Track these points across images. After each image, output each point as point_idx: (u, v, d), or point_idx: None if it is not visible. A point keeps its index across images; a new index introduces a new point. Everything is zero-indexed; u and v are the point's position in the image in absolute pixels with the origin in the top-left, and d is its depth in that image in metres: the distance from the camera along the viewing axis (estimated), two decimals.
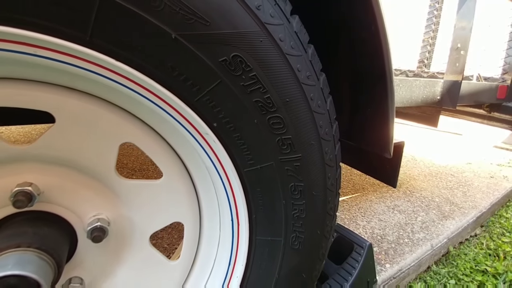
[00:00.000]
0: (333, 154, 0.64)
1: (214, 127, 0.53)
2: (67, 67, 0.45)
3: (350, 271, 1.32)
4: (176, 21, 0.43)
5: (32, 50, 0.42)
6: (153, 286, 0.71)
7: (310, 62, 0.57)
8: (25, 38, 0.40)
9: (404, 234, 1.73)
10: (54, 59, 0.44)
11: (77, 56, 0.43)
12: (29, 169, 0.57)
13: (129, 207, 0.65)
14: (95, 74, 0.47)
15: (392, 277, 1.48)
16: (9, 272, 0.49)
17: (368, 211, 1.90)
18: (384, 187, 2.21)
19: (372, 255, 1.37)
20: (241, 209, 0.62)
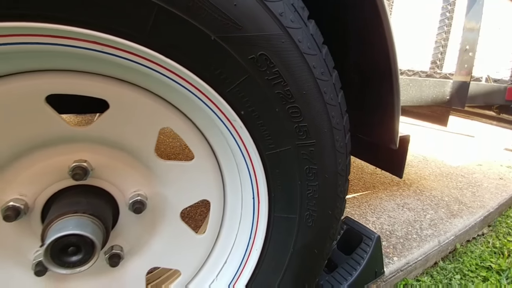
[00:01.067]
0: (343, 142, 0.73)
1: (242, 114, 0.62)
2: (124, 61, 0.56)
3: (359, 261, 1.40)
4: (215, 25, 0.52)
5: (99, 47, 0.52)
6: (181, 256, 0.81)
7: (324, 60, 0.66)
8: (97, 38, 0.50)
9: (412, 230, 1.78)
10: (116, 55, 0.54)
11: (134, 53, 0.54)
12: (84, 148, 0.68)
13: (164, 185, 0.75)
14: (146, 68, 0.57)
15: (400, 270, 1.54)
16: (70, 231, 0.59)
17: (378, 208, 1.96)
18: (394, 185, 2.26)
19: (380, 247, 1.44)
20: (261, 188, 0.72)
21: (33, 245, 0.69)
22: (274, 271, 0.78)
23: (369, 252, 1.39)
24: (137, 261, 0.79)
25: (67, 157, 0.66)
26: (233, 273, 0.80)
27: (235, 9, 0.52)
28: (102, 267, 0.75)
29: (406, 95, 1.48)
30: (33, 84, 0.57)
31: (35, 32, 0.47)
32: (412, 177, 2.40)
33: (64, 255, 0.60)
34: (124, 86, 0.64)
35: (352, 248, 1.46)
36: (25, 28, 0.46)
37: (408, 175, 2.45)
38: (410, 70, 2.25)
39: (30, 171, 0.65)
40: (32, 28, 0.46)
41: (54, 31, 0.47)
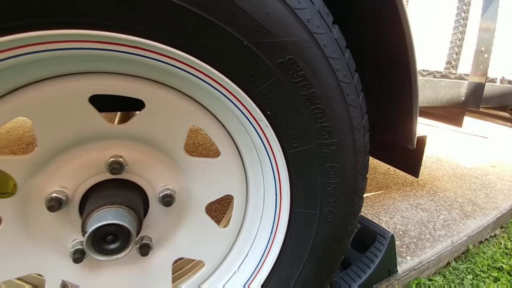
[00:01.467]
0: (363, 142, 0.76)
1: (268, 114, 0.67)
2: (162, 65, 0.61)
3: (373, 259, 1.42)
4: (248, 32, 0.57)
5: (142, 52, 0.57)
6: (205, 248, 0.86)
7: (347, 64, 0.69)
8: (141, 44, 0.55)
9: (425, 230, 1.80)
10: (155, 59, 0.59)
11: (173, 57, 0.58)
12: (119, 145, 0.73)
13: (191, 180, 0.80)
14: (182, 70, 0.62)
15: (413, 269, 1.56)
16: (110, 221, 0.65)
17: (391, 208, 1.98)
18: (407, 186, 2.27)
19: (393, 246, 1.46)
20: (284, 185, 0.76)
21: (71, 235, 0.75)
22: (294, 264, 0.82)
23: (383, 250, 1.41)
24: (164, 252, 0.84)
25: (105, 152, 0.72)
26: (255, 265, 0.85)
27: (266, 16, 0.56)
28: (132, 256, 0.81)
29: (421, 95, 1.49)
30: (79, 85, 0.63)
31: (86, 38, 0.52)
32: (425, 178, 2.41)
33: (103, 243, 0.66)
34: (159, 87, 0.69)
35: (366, 246, 1.49)
36: (78, 35, 0.51)
37: (422, 175, 2.45)
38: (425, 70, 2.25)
39: (71, 165, 0.70)
40: (85, 35, 0.51)
41: (103, 37, 0.52)
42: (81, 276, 0.77)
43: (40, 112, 0.62)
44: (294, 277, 0.82)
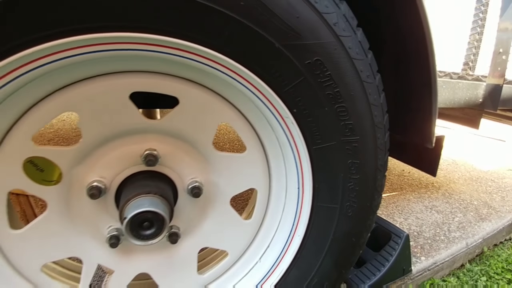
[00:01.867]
0: (383, 140, 0.80)
1: (294, 112, 0.71)
2: (198, 64, 0.66)
3: (387, 258, 1.45)
4: (280, 34, 0.61)
5: (181, 53, 0.63)
6: (229, 239, 0.91)
7: (370, 64, 0.73)
8: (181, 45, 0.60)
9: (440, 232, 1.81)
10: (193, 59, 0.64)
11: (209, 58, 0.64)
12: (153, 138, 0.79)
13: (217, 173, 0.85)
14: (215, 70, 0.67)
15: (427, 269, 1.58)
16: (147, 208, 0.70)
17: (406, 209, 1.99)
18: (422, 187, 2.27)
19: (408, 245, 1.48)
20: (306, 179, 0.80)
21: (107, 222, 0.81)
22: (314, 256, 0.86)
23: (397, 249, 1.44)
24: (190, 241, 0.89)
25: (140, 145, 0.78)
26: (276, 256, 0.89)
27: (297, 20, 0.61)
28: (161, 244, 0.86)
29: (439, 96, 1.50)
30: (122, 83, 0.69)
31: (133, 40, 0.58)
32: (441, 180, 2.40)
33: (140, 229, 0.71)
34: (192, 85, 0.74)
35: (380, 245, 1.51)
36: (125, 37, 0.56)
37: (437, 178, 2.45)
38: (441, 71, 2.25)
39: (110, 157, 0.76)
40: (131, 37, 0.57)
41: (150, 40, 0.58)
42: (115, 261, 0.83)
43: (86, 107, 0.68)
44: (314, 269, 0.87)
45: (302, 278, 0.87)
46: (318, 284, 0.87)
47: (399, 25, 0.89)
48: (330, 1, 0.65)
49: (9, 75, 0.53)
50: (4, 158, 0.67)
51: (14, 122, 0.65)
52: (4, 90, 0.56)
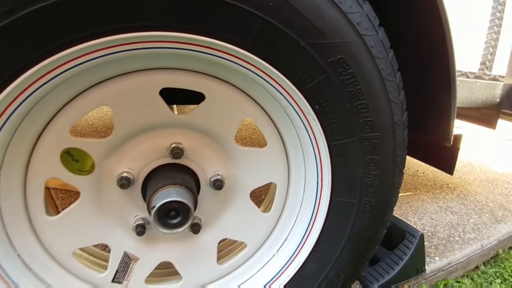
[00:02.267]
0: (402, 137, 0.82)
1: (316, 108, 0.74)
2: (226, 62, 0.69)
3: (401, 256, 1.46)
4: (305, 34, 0.64)
5: (211, 51, 0.66)
6: (248, 231, 0.94)
7: (390, 63, 0.76)
8: (211, 44, 0.64)
9: (455, 233, 1.80)
10: (221, 57, 0.68)
11: (236, 55, 0.67)
12: (179, 132, 0.83)
13: (238, 167, 0.89)
14: (242, 67, 0.70)
15: (441, 269, 1.58)
16: (174, 198, 0.74)
17: (420, 209, 1.99)
18: (437, 188, 2.26)
19: (423, 245, 1.49)
20: (325, 174, 0.83)
21: (134, 211, 0.85)
22: (332, 249, 0.88)
23: (412, 248, 1.45)
24: (211, 232, 0.93)
25: (167, 139, 0.82)
26: (294, 249, 0.92)
27: (322, 20, 0.64)
28: (184, 234, 0.90)
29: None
30: (152, 79, 0.73)
31: (168, 39, 0.62)
32: (456, 181, 2.39)
33: (167, 218, 0.75)
34: (217, 82, 0.78)
35: (394, 244, 1.52)
36: (161, 36, 0.60)
37: (452, 179, 2.43)
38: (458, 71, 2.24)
39: (138, 149, 0.81)
40: (167, 36, 0.61)
41: (183, 38, 0.61)
42: (140, 249, 0.88)
43: (119, 102, 0.73)
44: (331, 262, 0.89)
45: (319, 271, 0.90)
46: (335, 277, 0.90)
47: (419, 24, 0.91)
48: (353, 1, 0.67)
49: (59, 69, 0.58)
50: (44, 148, 0.72)
51: (54, 114, 0.70)
52: (52, 82, 0.60)
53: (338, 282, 0.90)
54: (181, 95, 1.02)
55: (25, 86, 0.58)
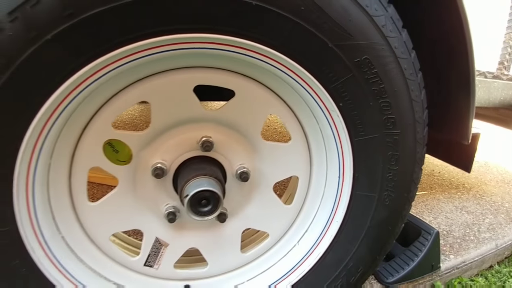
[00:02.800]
0: (422, 134, 0.86)
1: (340, 106, 0.78)
2: (256, 61, 0.75)
3: (416, 253, 1.49)
4: (333, 35, 0.69)
5: (243, 51, 0.72)
6: (270, 221, 0.99)
7: (413, 63, 0.79)
8: (245, 45, 0.69)
9: (470, 232, 1.81)
10: (253, 56, 0.73)
11: (268, 56, 0.72)
12: (209, 127, 0.88)
13: (263, 161, 0.94)
14: (271, 66, 0.75)
15: (455, 267, 1.60)
16: (206, 187, 0.80)
17: (435, 208, 2.00)
18: (453, 188, 2.27)
19: (438, 242, 1.51)
20: (347, 169, 0.87)
21: (165, 200, 0.92)
22: (351, 241, 0.93)
23: (427, 245, 1.47)
24: (235, 221, 0.99)
25: (197, 133, 0.88)
26: (314, 240, 0.97)
27: (349, 23, 0.68)
28: (210, 222, 0.96)
29: None
30: (188, 77, 0.79)
31: (207, 40, 0.67)
32: (472, 182, 2.38)
33: (198, 206, 0.81)
34: (247, 80, 0.83)
35: (410, 241, 1.55)
36: (202, 38, 0.66)
37: (468, 179, 2.42)
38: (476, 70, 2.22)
39: (171, 142, 0.87)
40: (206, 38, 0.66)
41: (220, 40, 0.67)
42: (170, 236, 0.94)
43: (157, 97, 0.79)
44: (350, 254, 0.94)
45: (338, 262, 0.95)
46: (354, 268, 0.94)
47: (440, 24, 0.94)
48: (379, 5, 0.72)
49: (109, 66, 0.64)
50: (88, 140, 0.79)
51: (99, 108, 0.77)
52: (102, 79, 0.67)
53: (357, 273, 0.95)
54: (208, 92, 1.08)
55: (78, 83, 0.65)
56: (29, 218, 0.73)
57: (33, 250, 0.74)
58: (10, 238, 0.70)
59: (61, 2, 0.54)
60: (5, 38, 0.54)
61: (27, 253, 0.73)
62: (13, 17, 0.53)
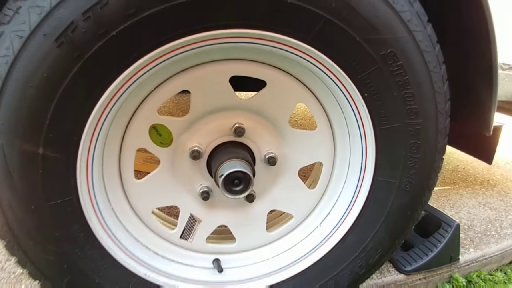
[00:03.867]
0: (444, 125, 0.90)
1: (365, 96, 0.85)
2: (288, 54, 0.82)
3: (436, 244, 1.52)
4: (361, 30, 0.75)
5: (277, 45, 0.79)
6: (295, 204, 1.08)
7: (437, 56, 0.84)
8: (278, 39, 0.77)
9: (492, 227, 1.82)
10: (285, 50, 0.81)
11: (299, 49, 0.79)
12: (241, 114, 0.97)
13: (290, 147, 1.02)
14: (302, 59, 0.83)
15: (475, 261, 1.62)
16: (239, 168, 0.89)
17: (458, 203, 2.01)
18: (477, 184, 2.25)
19: (458, 234, 1.54)
20: (370, 156, 0.94)
21: (199, 180, 1.02)
22: (371, 224, 0.99)
23: (447, 237, 1.50)
24: (261, 203, 1.08)
25: (230, 120, 0.97)
26: (336, 222, 1.05)
27: (377, 18, 0.74)
28: (239, 202, 1.05)
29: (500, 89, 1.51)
30: (225, 68, 0.87)
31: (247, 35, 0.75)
32: (497, 178, 2.35)
33: (231, 185, 0.91)
34: (277, 71, 0.91)
35: (430, 233, 1.58)
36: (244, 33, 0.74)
37: (494, 175, 2.39)
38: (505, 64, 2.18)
39: (208, 127, 0.96)
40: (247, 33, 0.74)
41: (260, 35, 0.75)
42: (203, 213, 1.05)
43: (197, 86, 0.88)
44: (369, 236, 1.00)
45: (359, 243, 1.02)
46: (373, 250, 1.01)
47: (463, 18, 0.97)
48: (405, 1, 0.77)
49: (166, 56, 0.74)
50: (136, 124, 0.90)
51: (146, 96, 0.87)
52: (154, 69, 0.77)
53: (376, 254, 1.02)
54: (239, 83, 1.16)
55: (134, 73, 0.75)
56: (87, 190, 0.85)
57: (90, 218, 0.86)
58: (73, 206, 0.82)
59: (125, 3, 0.63)
60: (79, 34, 0.64)
61: (85, 220, 0.85)
62: (86, 16, 0.63)
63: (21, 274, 1.25)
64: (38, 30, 0.63)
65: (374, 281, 1.39)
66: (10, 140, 0.69)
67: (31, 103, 0.67)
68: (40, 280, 0.88)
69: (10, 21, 0.64)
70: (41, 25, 0.63)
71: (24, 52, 0.64)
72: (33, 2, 0.63)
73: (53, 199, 0.77)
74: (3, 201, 0.76)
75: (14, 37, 0.64)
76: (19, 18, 0.63)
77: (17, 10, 0.64)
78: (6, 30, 0.64)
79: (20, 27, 0.63)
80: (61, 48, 0.64)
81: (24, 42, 0.63)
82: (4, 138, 0.69)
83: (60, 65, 0.65)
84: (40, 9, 0.62)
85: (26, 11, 0.63)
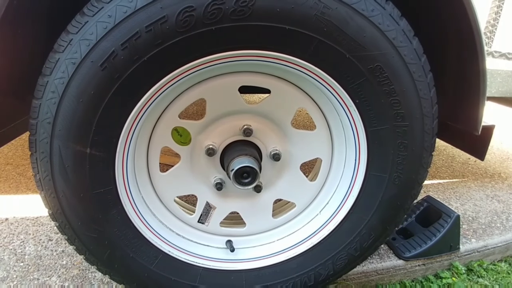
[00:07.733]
0: (431, 126, 1.04)
1: (357, 102, 0.99)
2: (288, 68, 0.98)
3: (435, 233, 1.66)
4: (350, 48, 0.89)
5: (279, 61, 0.95)
6: (297, 194, 1.25)
7: (422, 66, 0.97)
8: (280, 57, 0.93)
9: (497, 220, 1.92)
10: (285, 65, 0.97)
11: (297, 64, 0.95)
12: (249, 117, 1.14)
13: (292, 145, 1.19)
14: (300, 72, 0.98)
15: (476, 250, 1.74)
16: (247, 164, 1.07)
17: (464, 195, 2.11)
18: (487, 177, 2.33)
19: (458, 225, 1.67)
20: (362, 153, 1.09)
21: (214, 174, 1.21)
22: (365, 213, 1.16)
23: (446, 227, 1.64)
24: (268, 193, 1.26)
25: (240, 122, 1.14)
26: (334, 210, 1.22)
27: (364, 38, 0.88)
28: (248, 192, 1.24)
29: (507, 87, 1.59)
30: (235, 80, 1.05)
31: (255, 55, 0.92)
32: (509, 172, 2.41)
33: (241, 178, 1.09)
34: (280, 81, 1.07)
35: (430, 223, 1.72)
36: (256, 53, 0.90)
37: (506, 169, 2.45)
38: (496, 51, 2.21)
39: (220, 128, 1.15)
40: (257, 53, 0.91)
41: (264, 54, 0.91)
42: (218, 200, 1.25)
43: (212, 95, 1.06)
44: (363, 223, 1.17)
45: (353, 229, 1.18)
46: (366, 235, 1.18)
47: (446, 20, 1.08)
48: (391, 21, 0.90)
49: (194, 69, 0.92)
50: (161, 126, 1.09)
51: (170, 103, 1.06)
52: (177, 84, 0.95)
53: (369, 239, 1.18)
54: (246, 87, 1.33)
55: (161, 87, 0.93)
56: (123, 182, 1.06)
57: (125, 204, 1.07)
58: (112, 194, 1.03)
59: (154, 35, 0.81)
60: (119, 60, 0.83)
61: (122, 206, 1.06)
62: (124, 46, 0.81)
63: (62, 252, 1.51)
64: (87, 58, 0.82)
65: (373, 265, 1.56)
66: (66, 142, 0.91)
67: (81, 114, 0.88)
68: (85, 254, 1.11)
69: (64, 50, 0.84)
70: (89, 54, 0.82)
71: (76, 74, 0.84)
72: (82, 36, 0.82)
73: (97, 189, 0.99)
74: (58, 191, 0.98)
75: (68, 63, 0.84)
76: (71, 48, 0.83)
77: (70, 42, 0.83)
78: (62, 57, 0.84)
79: (73, 56, 0.83)
80: (104, 71, 0.83)
81: (76, 67, 0.83)
82: (60, 141, 0.91)
83: (104, 84, 0.85)
84: (88, 41, 0.82)
85: (77, 43, 0.82)
